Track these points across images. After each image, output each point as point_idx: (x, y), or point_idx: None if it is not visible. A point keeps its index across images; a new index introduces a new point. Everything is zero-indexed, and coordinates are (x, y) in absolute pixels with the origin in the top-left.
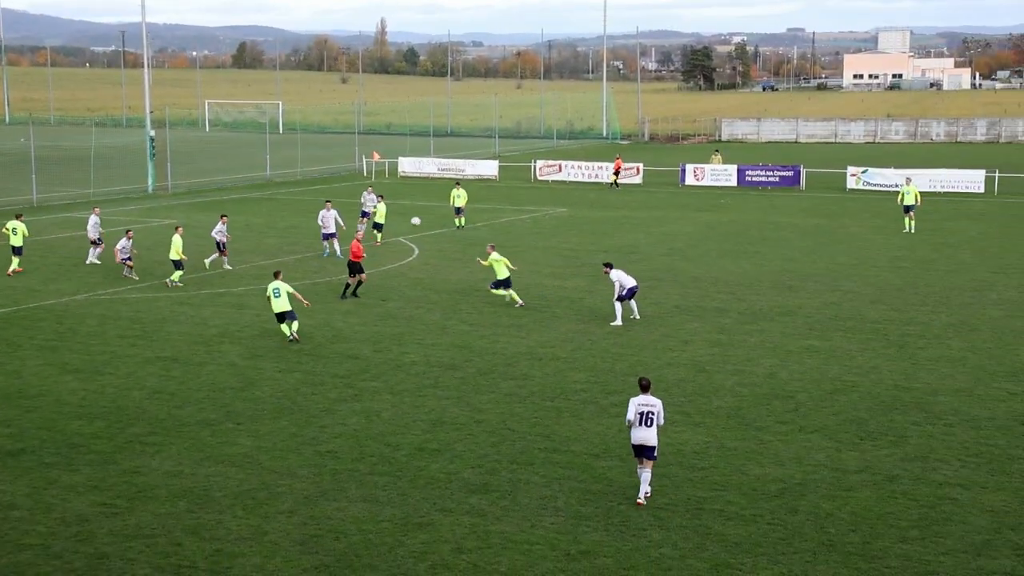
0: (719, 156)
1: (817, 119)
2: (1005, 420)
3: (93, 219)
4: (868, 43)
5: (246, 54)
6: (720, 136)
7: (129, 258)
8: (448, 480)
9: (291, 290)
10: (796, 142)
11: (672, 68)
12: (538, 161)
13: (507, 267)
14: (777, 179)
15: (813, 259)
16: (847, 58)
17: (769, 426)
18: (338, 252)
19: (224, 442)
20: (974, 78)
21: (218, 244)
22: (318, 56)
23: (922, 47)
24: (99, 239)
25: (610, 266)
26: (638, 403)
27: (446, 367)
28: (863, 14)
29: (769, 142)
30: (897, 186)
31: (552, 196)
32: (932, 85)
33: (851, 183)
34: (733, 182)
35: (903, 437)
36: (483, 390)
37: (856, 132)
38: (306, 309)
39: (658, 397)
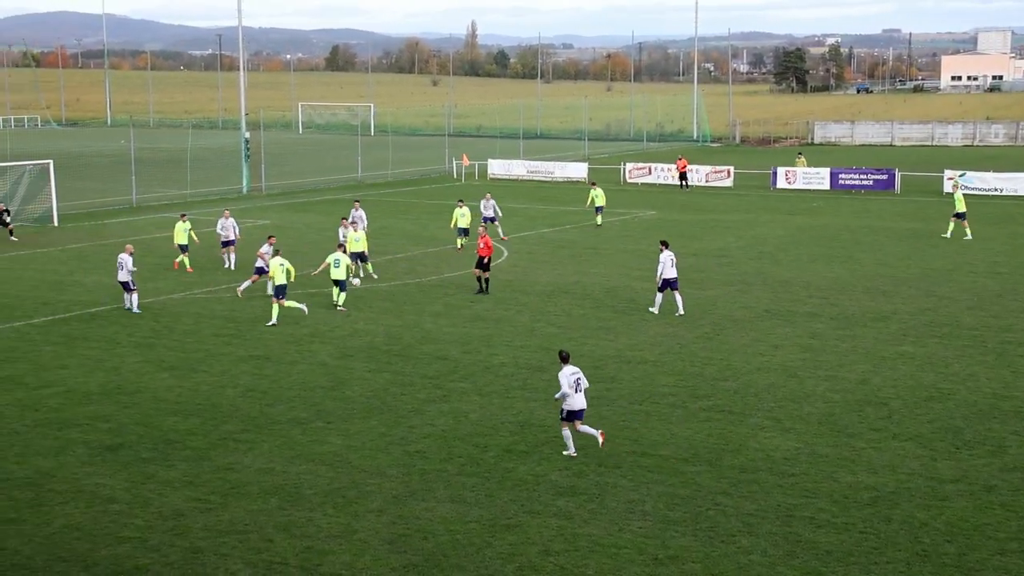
0: (803, 159)
1: (913, 122)
2: None
3: (227, 222)
4: (967, 44)
5: (339, 57)
6: (812, 139)
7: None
8: (536, 482)
9: (349, 263)
10: (891, 145)
11: (764, 70)
12: (627, 163)
13: (288, 274)
14: (871, 183)
15: (908, 264)
16: (945, 59)
17: (861, 433)
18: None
19: (315, 440)
20: None
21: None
22: (409, 59)
23: None
24: (232, 240)
25: (665, 244)
26: (568, 374)
27: (534, 369)
28: (962, 14)
29: (863, 145)
30: (997, 190)
31: (641, 199)
32: None
33: (948, 187)
34: (826, 185)
35: (1002, 447)
36: None
37: (954, 135)
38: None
39: (747, 402)
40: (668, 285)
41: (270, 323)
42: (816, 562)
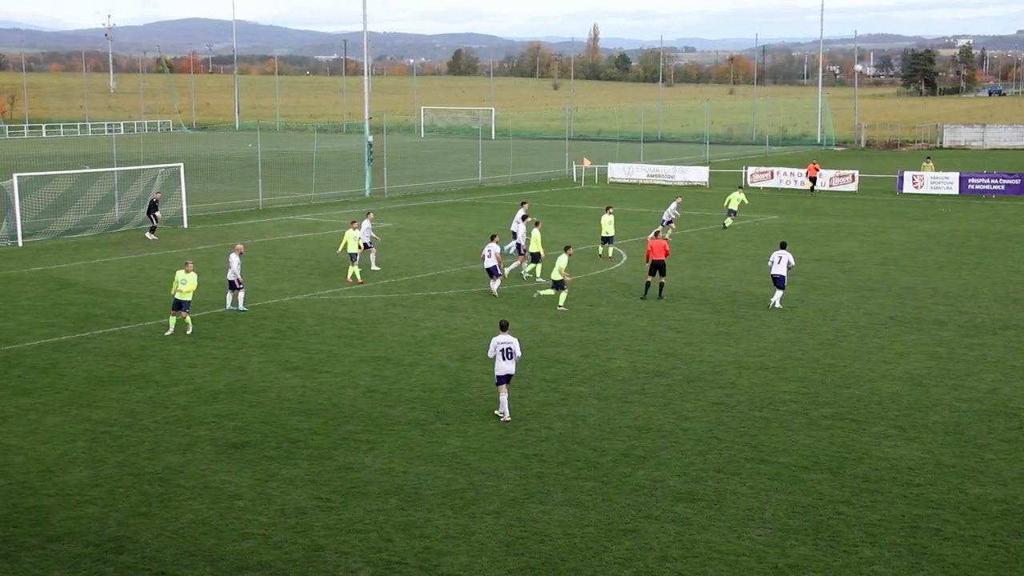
0: (931, 164)
1: None
2: None
3: (366, 224)
4: None
5: (461, 61)
6: (941, 143)
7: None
8: (653, 487)
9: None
10: None
11: (891, 73)
12: (749, 168)
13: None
14: (1003, 187)
15: None
16: None
17: (990, 444)
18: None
19: (434, 442)
20: None
21: (518, 247)
22: (531, 63)
23: None
24: (371, 243)
25: (783, 246)
26: (498, 342)
27: (652, 374)
28: None
29: (994, 149)
30: None
31: (763, 203)
32: None
33: None
34: (955, 190)
35: None
36: (689, 398)
37: None
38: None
39: (871, 410)
40: (775, 282)
41: (168, 332)
42: (942, 575)
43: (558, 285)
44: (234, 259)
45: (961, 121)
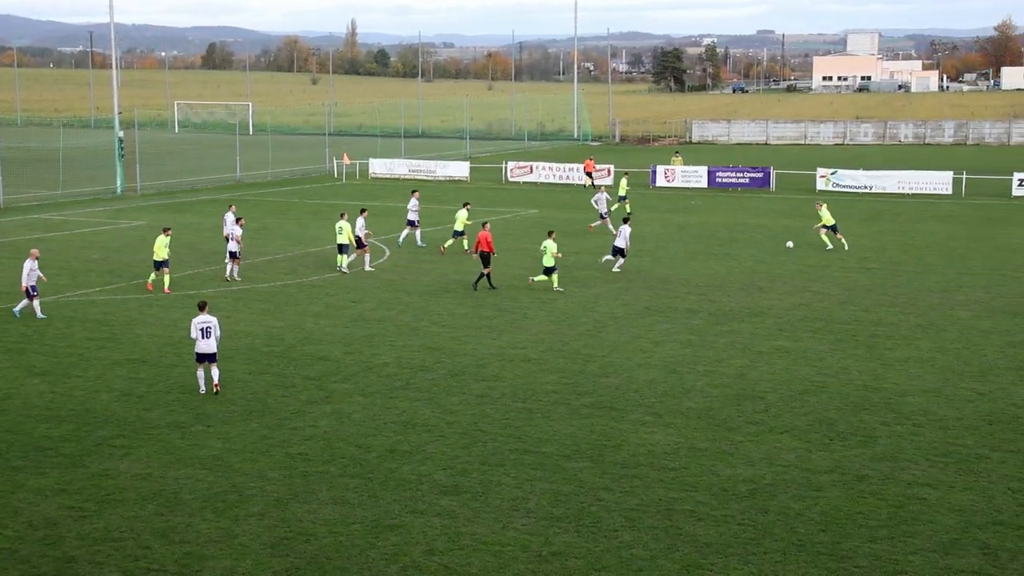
0: (680, 158)
1: (787, 121)
2: (973, 420)
3: (229, 216)
4: (837, 45)
5: (216, 55)
6: (691, 138)
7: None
8: (419, 482)
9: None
10: (766, 144)
11: (643, 70)
12: (509, 162)
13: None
14: (747, 180)
15: (783, 260)
16: (816, 60)
17: (739, 427)
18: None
19: (194, 444)
20: (942, 80)
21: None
22: (288, 57)
23: (890, 49)
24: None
25: (626, 220)
26: (198, 322)
27: (417, 369)
28: (832, 16)
29: (739, 144)
30: (867, 188)
31: (523, 197)
32: (900, 87)
33: (820, 184)
34: (704, 183)
35: (872, 437)
36: (454, 392)
37: (825, 134)
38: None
39: (629, 398)
40: (617, 252)
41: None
42: (696, 554)
43: (550, 270)
44: (28, 265)
45: (708, 117)
